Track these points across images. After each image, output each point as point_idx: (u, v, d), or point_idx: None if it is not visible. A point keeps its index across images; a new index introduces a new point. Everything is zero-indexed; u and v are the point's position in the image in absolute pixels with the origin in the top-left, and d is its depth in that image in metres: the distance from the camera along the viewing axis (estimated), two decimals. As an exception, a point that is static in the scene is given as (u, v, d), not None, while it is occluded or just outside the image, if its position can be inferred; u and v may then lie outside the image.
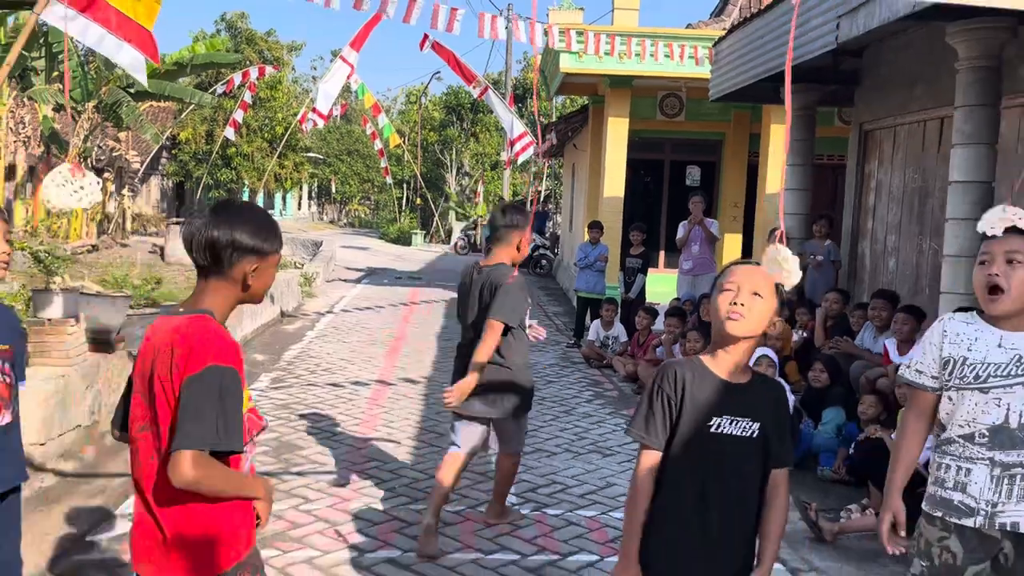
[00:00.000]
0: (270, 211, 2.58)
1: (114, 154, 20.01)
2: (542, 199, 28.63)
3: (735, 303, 2.16)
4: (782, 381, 6.03)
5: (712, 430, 2.19)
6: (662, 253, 14.74)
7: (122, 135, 21.06)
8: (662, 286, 11.71)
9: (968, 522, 2.42)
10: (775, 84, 8.71)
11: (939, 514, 2.46)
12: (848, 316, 6.99)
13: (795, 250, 9.87)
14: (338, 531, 4.31)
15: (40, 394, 4.75)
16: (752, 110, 13.72)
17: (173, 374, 1.99)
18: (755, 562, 2.29)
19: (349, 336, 10.53)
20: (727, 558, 2.24)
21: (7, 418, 2.84)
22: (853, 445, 5.24)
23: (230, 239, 2.07)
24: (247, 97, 16.91)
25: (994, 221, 2.38)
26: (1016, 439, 2.36)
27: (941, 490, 2.47)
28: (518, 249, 4.23)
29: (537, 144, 9.73)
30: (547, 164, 31.00)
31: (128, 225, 20.74)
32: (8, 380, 2.82)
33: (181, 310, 2.13)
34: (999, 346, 2.39)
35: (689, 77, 12.59)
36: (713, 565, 2.24)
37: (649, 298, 10.48)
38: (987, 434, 2.38)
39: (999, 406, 2.36)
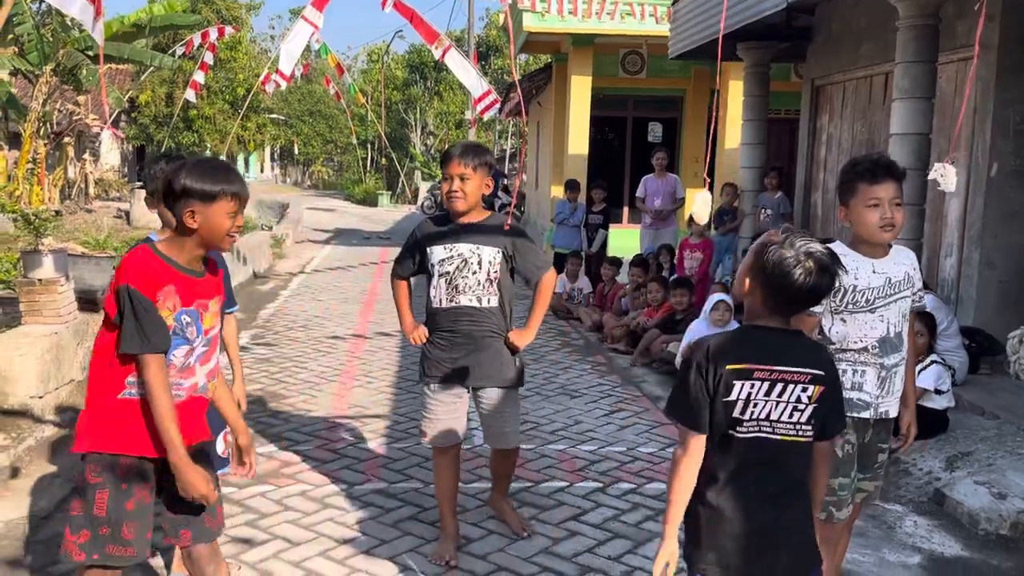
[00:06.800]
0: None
1: (75, 118, 19.71)
2: (507, 158, 28.77)
3: None
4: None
5: None
6: (626, 209, 15.09)
7: (81, 99, 20.74)
8: (626, 240, 12.08)
9: (865, 415, 2.92)
10: (733, 41, 9.02)
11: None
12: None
13: (751, 202, 10.28)
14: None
15: (36, 350, 4.99)
16: (712, 67, 14.02)
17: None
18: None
19: (322, 295, 10.77)
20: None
21: None
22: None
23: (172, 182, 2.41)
24: (207, 58, 16.78)
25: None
26: (894, 345, 2.92)
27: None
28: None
29: (503, 103, 9.93)
30: (511, 122, 31.08)
31: (91, 190, 20.52)
32: None
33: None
34: (874, 272, 2.88)
35: (650, 35, 12.85)
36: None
37: (613, 253, 10.84)
38: (876, 345, 2.90)
39: (883, 321, 2.88)
